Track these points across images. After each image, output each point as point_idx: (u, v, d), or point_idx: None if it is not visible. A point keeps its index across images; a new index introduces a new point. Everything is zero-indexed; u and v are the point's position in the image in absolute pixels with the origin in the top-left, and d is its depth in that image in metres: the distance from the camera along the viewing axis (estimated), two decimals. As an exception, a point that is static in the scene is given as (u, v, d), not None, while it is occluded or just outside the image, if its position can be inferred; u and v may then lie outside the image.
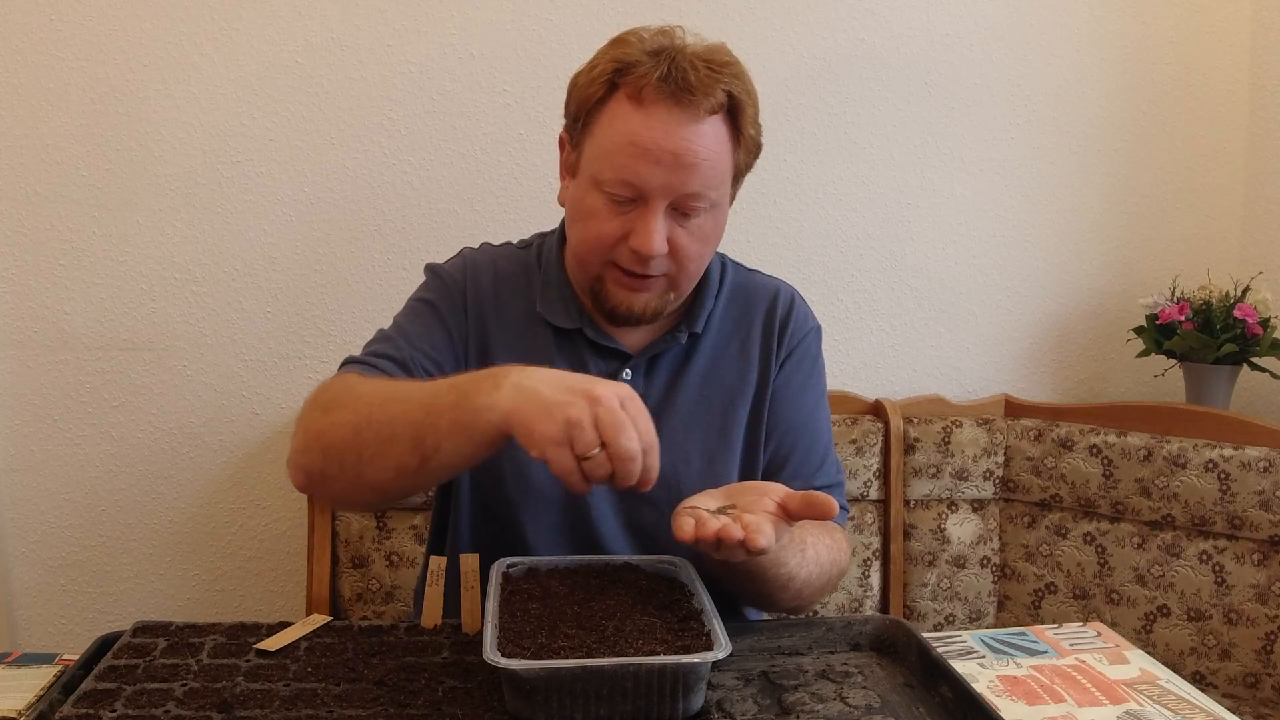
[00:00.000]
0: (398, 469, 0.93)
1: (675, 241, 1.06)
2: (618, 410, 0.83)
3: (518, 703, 0.81)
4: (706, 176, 1.04)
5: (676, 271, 1.08)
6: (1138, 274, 2.03)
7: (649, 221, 1.03)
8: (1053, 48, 1.95)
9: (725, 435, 1.16)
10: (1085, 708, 0.96)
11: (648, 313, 1.11)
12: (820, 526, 1.10)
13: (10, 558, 1.84)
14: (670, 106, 1.02)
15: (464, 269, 1.19)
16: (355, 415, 0.95)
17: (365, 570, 1.72)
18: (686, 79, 1.01)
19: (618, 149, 1.03)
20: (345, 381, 1.02)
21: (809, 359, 1.22)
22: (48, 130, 1.73)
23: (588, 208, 1.07)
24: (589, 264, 1.10)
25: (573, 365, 1.15)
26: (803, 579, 1.04)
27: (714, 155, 1.04)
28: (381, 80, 1.79)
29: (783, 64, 1.89)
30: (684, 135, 1.02)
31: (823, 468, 1.19)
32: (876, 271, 1.98)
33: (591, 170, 1.06)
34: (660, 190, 1.03)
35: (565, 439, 0.82)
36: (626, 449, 0.82)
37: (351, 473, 0.96)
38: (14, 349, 1.78)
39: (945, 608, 1.87)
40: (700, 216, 1.06)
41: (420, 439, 0.90)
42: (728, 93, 1.04)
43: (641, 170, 1.02)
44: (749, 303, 1.21)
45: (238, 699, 0.84)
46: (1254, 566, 1.69)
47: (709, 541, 0.86)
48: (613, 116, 1.04)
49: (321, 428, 0.98)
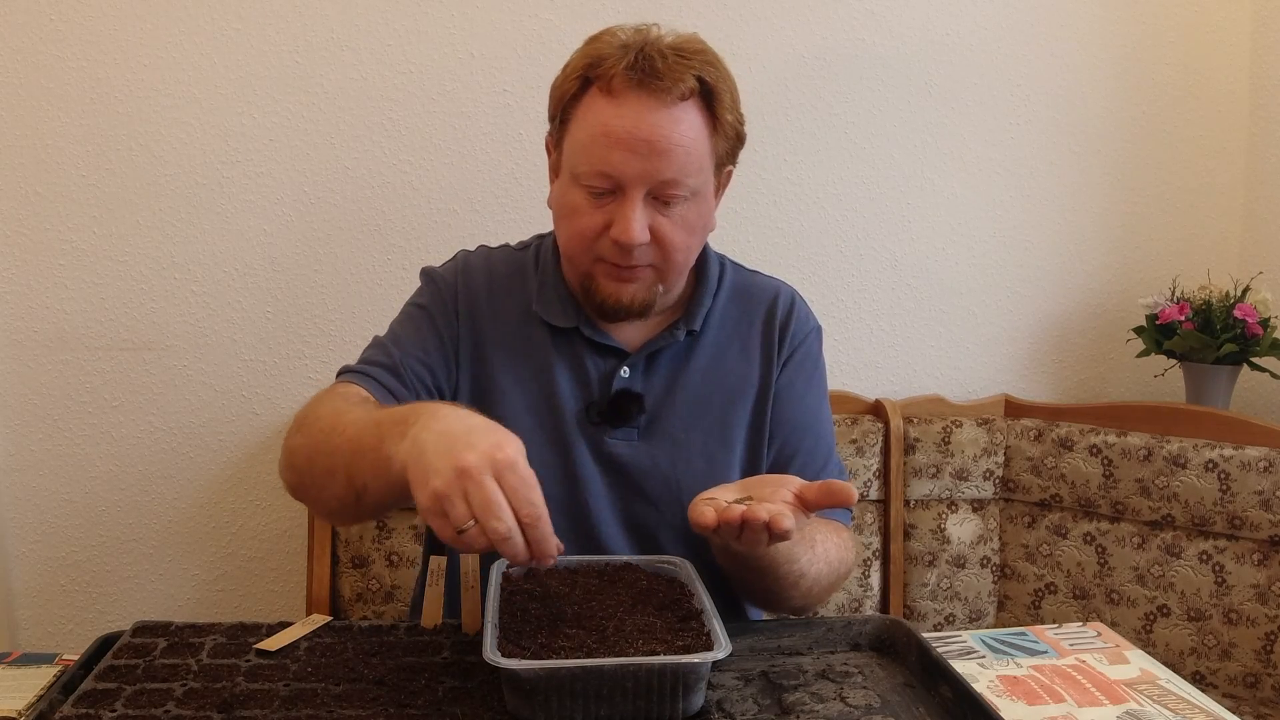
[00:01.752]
0: (340, 502, 0.95)
1: (658, 231, 1.06)
2: (487, 487, 0.78)
3: (518, 703, 0.81)
4: (682, 163, 1.04)
5: (662, 261, 1.08)
6: (1138, 274, 2.03)
7: (627, 211, 1.04)
8: (1053, 48, 1.95)
9: (726, 435, 1.16)
10: (1085, 708, 0.96)
11: (636, 305, 1.10)
12: (828, 525, 1.10)
13: (10, 558, 1.83)
14: (640, 94, 1.02)
15: (457, 272, 1.20)
16: (311, 441, 0.97)
17: (365, 570, 1.72)
18: (654, 66, 1.02)
19: (592, 141, 1.04)
20: (320, 398, 1.04)
21: (810, 360, 1.22)
22: (48, 130, 1.73)
23: (570, 204, 1.08)
24: (577, 261, 1.10)
25: (570, 364, 1.15)
26: (813, 576, 1.04)
27: (689, 141, 1.04)
28: (381, 80, 1.79)
29: (783, 64, 1.89)
30: (655, 121, 1.02)
31: (826, 467, 1.19)
32: (876, 271, 1.98)
33: (570, 166, 1.07)
34: (636, 178, 1.03)
35: (438, 510, 0.79)
36: (494, 530, 0.78)
37: (313, 494, 1.00)
38: (14, 349, 1.78)
39: (945, 608, 1.87)
40: (681, 205, 1.06)
41: (351, 477, 0.91)
42: (699, 78, 1.04)
43: (615, 159, 1.02)
44: (750, 303, 1.21)
45: (238, 699, 0.84)
46: (1254, 566, 1.69)
47: (732, 527, 0.86)
48: (586, 111, 1.05)
49: (292, 446, 1.01)
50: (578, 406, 1.14)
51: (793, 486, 0.92)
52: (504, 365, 1.15)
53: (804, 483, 0.93)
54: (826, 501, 0.90)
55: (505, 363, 1.15)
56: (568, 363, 1.15)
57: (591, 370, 1.15)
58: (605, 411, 1.13)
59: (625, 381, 1.14)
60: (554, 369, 1.14)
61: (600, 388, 1.14)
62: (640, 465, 1.12)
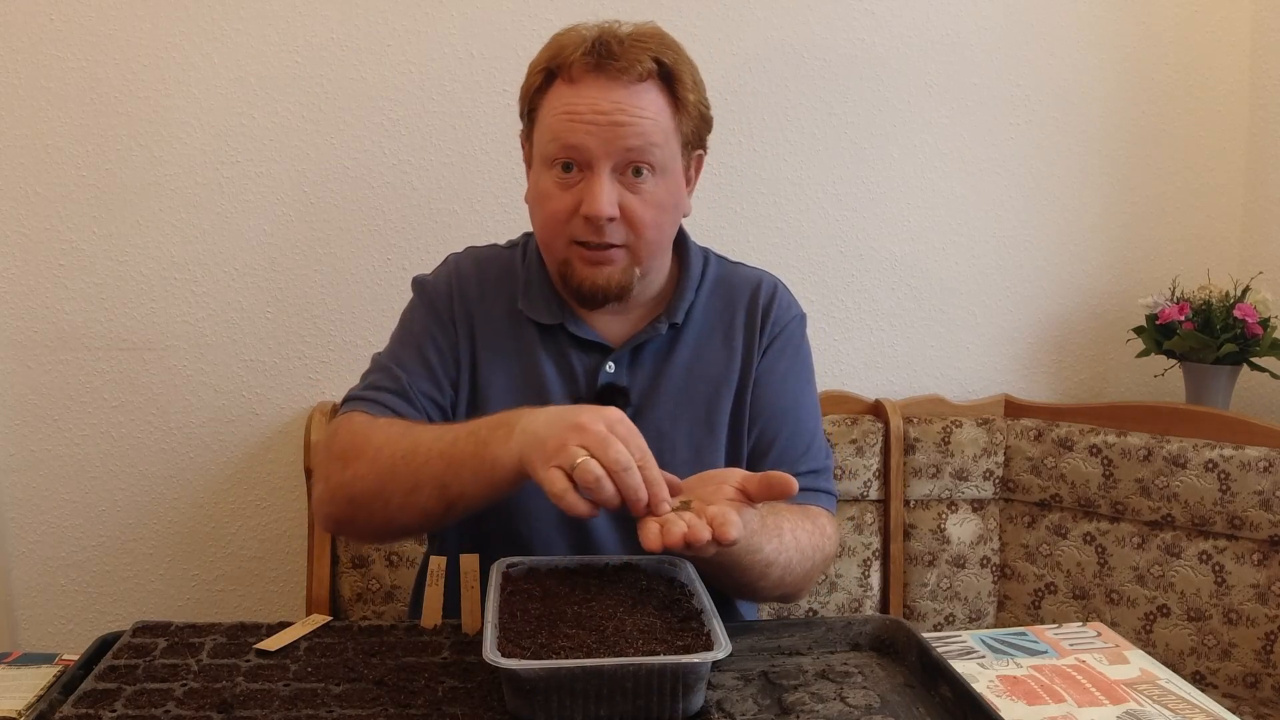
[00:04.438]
0: (425, 514, 1.00)
1: (627, 208, 1.08)
2: (601, 430, 0.87)
3: (518, 703, 0.81)
4: (646, 133, 1.07)
5: (635, 240, 1.10)
6: (1138, 274, 2.03)
7: (594, 186, 1.07)
8: (1053, 48, 1.95)
9: (711, 425, 1.17)
10: (1085, 708, 0.96)
11: (613, 287, 1.12)
12: (801, 512, 1.10)
13: (10, 558, 1.84)
14: (597, 77, 1.06)
15: (449, 279, 1.21)
16: (376, 468, 1.01)
17: (365, 570, 1.72)
18: (610, 49, 1.06)
19: (556, 122, 1.08)
20: (357, 428, 1.06)
21: (792, 346, 1.23)
22: (48, 130, 1.73)
23: (541, 190, 1.11)
24: (553, 247, 1.13)
25: (556, 361, 1.17)
26: (783, 564, 1.03)
27: (650, 115, 1.07)
28: (381, 80, 1.79)
29: (783, 64, 1.89)
30: (615, 98, 1.06)
31: (808, 453, 1.19)
32: (876, 271, 1.98)
33: (539, 153, 1.11)
34: (600, 151, 1.06)
35: (551, 461, 0.87)
36: (615, 460, 0.85)
37: (380, 519, 1.03)
38: (14, 349, 1.78)
39: (945, 608, 1.87)
40: (649, 182, 1.09)
41: (445, 487, 0.97)
42: (656, 59, 1.08)
43: (579, 133, 1.06)
44: (732, 294, 1.22)
45: (238, 699, 0.84)
46: (1254, 566, 1.69)
47: (675, 548, 0.86)
48: (552, 100, 1.09)
49: (343, 480, 1.03)
50: (565, 402, 1.15)
51: (734, 480, 0.94)
52: (495, 363, 1.17)
53: (746, 474, 0.95)
54: (767, 494, 0.92)
55: (496, 360, 1.17)
56: (554, 359, 1.17)
57: (577, 366, 1.16)
58: None
59: (610, 376, 1.16)
60: (541, 365, 1.16)
61: (586, 383, 1.16)
62: None
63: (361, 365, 1.21)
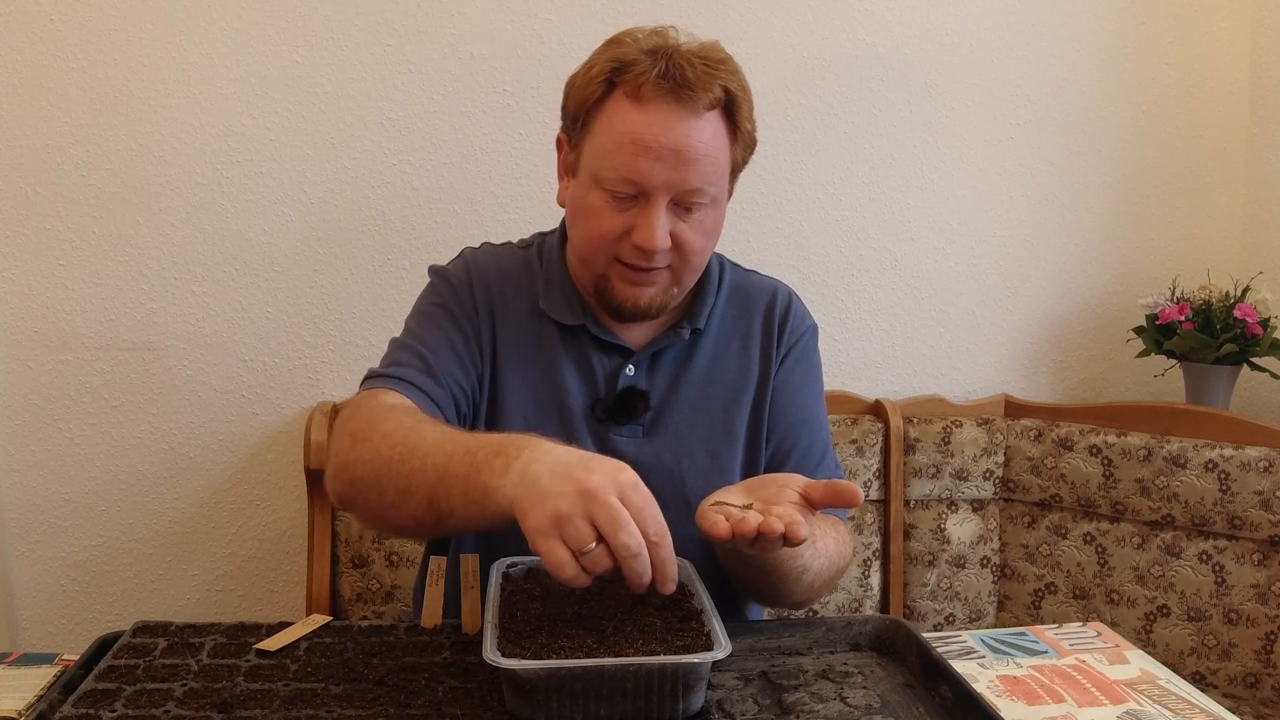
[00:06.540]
0: (416, 521, 0.94)
1: (678, 236, 1.07)
2: (613, 505, 0.78)
3: (518, 703, 0.81)
4: (706, 172, 1.05)
5: (680, 265, 1.10)
6: (1138, 274, 2.03)
7: (651, 217, 1.05)
8: (1053, 48, 1.95)
9: (728, 430, 1.17)
10: (1085, 708, 0.96)
11: (653, 307, 1.12)
12: (824, 520, 1.11)
13: (10, 558, 1.83)
14: (669, 103, 1.03)
15: (468, 269, 1.20)
16: (377, 457, 0.96)
17: (365, 570, 1.72)
18: (684, 75, 1.03)
19: (618, 147, 1.04)
20: (374, 408, 1.03)
21: (806, 357, 1.24)
22: (48, 130, 1.73)
23: (589, 206, 1.08)
24: (593, 262, 1.11)
25: (576, 361, 1.16)
26: (815, 571, 1.04)
27: (713, 150, 1.06)
28: (381, 80, 1.79)
29: (783, 64, 1.89)
30: (683, 131, 1.03)
31: (823, 463, 1.20)
32: (876, 271, 1.98)
33: (592, 169, 1.07)
34: (662, 186, 1.04)
35: (554, 532, 0.78)
36: (625, 545, 0.78)
37: (375, 510, 0.98)
38: (14, 349, 1.78)
39: (945, 608, 1.87)
40: (701, 211, 1.08)
41: (435, 500, 0.91)
42: (724, 88, 1.05)
43: (643, 167, 1.03)
44: (748, 301, 1.23)
45: (238, 699, 0.84)
46: (1254, 566, 1.69)
47: (746, 538, 0.86)
48: (612, 115, 1.05)
49: (349, 459, 0.99)
50: (584, 403, 1.15)
51: (797, 486, 0.93)
52: (513, 361, 1.16)
53: (808, 481, 0.93)
54: (832, 501, 0.91)
55: (514, 358, 1.16)
56: (574, 360, 1.16)
57: (597, 367, 1.16)
58: (611, 408, 1.15)
59: (630, 379, 1.15)
60: (561, 366, 1.15)
61: (606, 385, 1.16)
62: (645, 462, 1.13)
63: (362, 366, 1.21)
